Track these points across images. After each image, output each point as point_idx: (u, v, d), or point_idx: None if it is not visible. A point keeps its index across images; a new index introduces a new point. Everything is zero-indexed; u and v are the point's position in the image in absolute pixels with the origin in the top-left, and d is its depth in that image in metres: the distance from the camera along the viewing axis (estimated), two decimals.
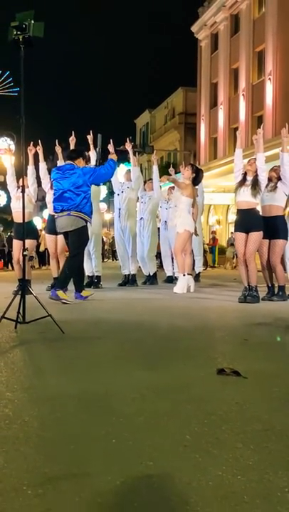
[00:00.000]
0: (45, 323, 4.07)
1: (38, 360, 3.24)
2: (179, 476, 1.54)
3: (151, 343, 3.80)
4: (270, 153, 20.13)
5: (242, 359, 3.17)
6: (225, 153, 27.56)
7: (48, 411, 2.14)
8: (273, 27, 23.15)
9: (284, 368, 2.99)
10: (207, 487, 1.47)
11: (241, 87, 26.39)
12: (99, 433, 1.88)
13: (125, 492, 1.46)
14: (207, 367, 2.88)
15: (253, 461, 1.65)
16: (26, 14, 4.13)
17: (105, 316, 5.18)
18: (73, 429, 1.93)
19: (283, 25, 22.59)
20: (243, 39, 26.25)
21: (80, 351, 3.44)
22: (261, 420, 2.03)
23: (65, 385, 2.54)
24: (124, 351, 3.46)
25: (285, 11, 22.51)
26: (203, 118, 31.47)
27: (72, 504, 1.38)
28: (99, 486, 1.47)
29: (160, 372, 2.86)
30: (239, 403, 2.26)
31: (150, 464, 1.63)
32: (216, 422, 2.01)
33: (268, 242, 6.73)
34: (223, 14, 28.57)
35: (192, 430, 1.91)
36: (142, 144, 38.28)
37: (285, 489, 1.46)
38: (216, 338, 4.05)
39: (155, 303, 6.56)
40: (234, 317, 5.27)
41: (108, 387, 2.49)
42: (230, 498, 1.41)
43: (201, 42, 32.02)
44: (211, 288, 7.40)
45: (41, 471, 1.57)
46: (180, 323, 4.89)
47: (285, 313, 5.46)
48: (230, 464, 1.62)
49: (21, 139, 4.44)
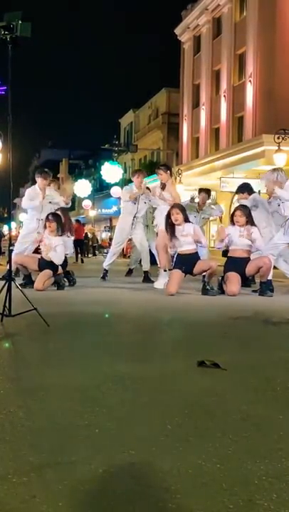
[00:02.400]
0: (31, 316, 4.08)
1: (24, 353, 3.26)
2: (160, 465, 1.57)
3: (134, 336, 3.86)
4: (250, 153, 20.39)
5: (222, 351, 3.23)
6: (206, 153, 27.70)
7: (33, 401, 2.17)
8: (254, 30, 23.37)
9: (262, 360, 3.06)
10: (187, 475, 1.51)
11: (223, 88, 26.57)
12: (82, 423, 1.91)
13: (108, 480, 1.48)
14: (188, 359, 2.93)
15: (231, 450, 1.69)
16: (14, 14, 4.15)
17: (90, 310, 5.22)
18: (58, 419, 1.96)
19: (264, 28, 22.82)
20: (225, 42, 26.44)
21: (64, 344, 3.48)
22: (240, 410, 2.08)
23: (49, 377, 2.56)
24: (107, 344, 3.50)
25: (265, 15, 22.74)
26: (185, 118, 31.61)
27: (56, 491, 1.40)
28: (82, 474, 1.50)
29: (142, 364, 2.90)
30: (219, 394, 2.31)
31: (132, 452, 1.66)
32: (196, 412, 2.05)
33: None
34: (205, 17, 28.74)
35: (173, 420, 1.95)
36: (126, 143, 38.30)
37: (262, 477, 1.49)
38: (197, 331, 4.12)
39: (139, 297, 6.64)
40: (215, 311, 5.35)
41: (92, 379, 2.53)
42: (210, 486, 1.44)
43: (184, 44, 32.15)
44: (193, 283, 7.47)
45: (26, 459, 1.60)
46: (162, 316, 4.97)
47: (264, 307, 5.55)
48: (209, 452, 1.66)
49: (8, 136, 4.45)
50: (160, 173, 7.88)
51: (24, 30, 4.17)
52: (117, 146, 26.87)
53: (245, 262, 6.86)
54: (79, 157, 63.53)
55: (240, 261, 6.82)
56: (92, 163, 52.28)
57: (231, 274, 6.72)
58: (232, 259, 6.92)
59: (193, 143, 30.76)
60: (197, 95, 30.09)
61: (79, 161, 62.04)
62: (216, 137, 27.90)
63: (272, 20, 22.53)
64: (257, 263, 6.84)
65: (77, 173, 58.21)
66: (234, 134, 25.68)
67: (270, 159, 17.85)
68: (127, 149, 30.22)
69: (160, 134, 36.73)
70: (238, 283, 6.72)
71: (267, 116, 22.00)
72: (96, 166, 45.95)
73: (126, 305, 5.78)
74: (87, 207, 41.20)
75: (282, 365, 2.93)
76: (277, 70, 22.36)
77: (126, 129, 46.26)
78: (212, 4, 27.76)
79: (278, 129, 16.84)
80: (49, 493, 1.39)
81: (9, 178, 4.68)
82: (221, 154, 23.85)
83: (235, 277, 6.70)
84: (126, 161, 40.98)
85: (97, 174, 41.34)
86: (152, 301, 6.23)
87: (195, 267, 6.78)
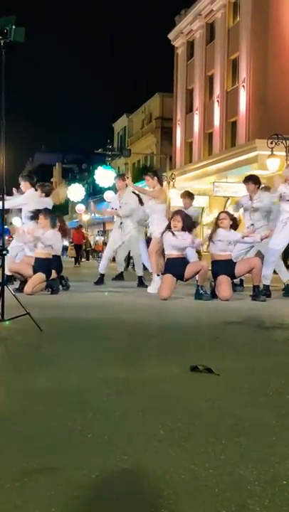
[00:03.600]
0: (24, 321, 4.08)
1: (16, 357, 3.25)
2: (152, 470, 1.57)
3: (127, 341, 3.86)
4: (243, 158, 20.47)
5: (214, 356, 3.23)
6: (200, 157, 27.79)
7: (25, 406, 2.17)
8: (247, 36, 23.50)
9: (254, 365, 3.07)
10: (180, 480, 1.51)
11: (216, 93, 26.69)
12: (75, 428, 1.91)
13: (100, 485, 1.48)
14: (181, 364, 2.93)
15: (224, 455, 1.69)
16: (7, 19, 4.17)
17: (82, 315, 5.22)
18: (50, 424, 1.95)
19: (257, 34, 22.96)
20: (218, 47, 26.57)
21: (57, 348, 3.48)
22: (232, 415, 2.08)
23: (42, 381, 2.56)
24: (100, 348, 3.50)
25: (258, 21, 22.88)
26: (179, 123, 31.70)
27: (48, 497, 1.40)
28: (75, 480, 1.49)
29: (135, 369, 2.90)
30: (211, 399, 2.31)
31: (125, 458, 1.66)
32: (189, 417, 2.06)
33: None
34: (199, 22, 28.88)
35: (166, 425, 1.95)
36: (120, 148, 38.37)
37: (255, 482, 1.49)
38: (190, 336, 4.13)
39: (132, 302, 6.65)
40: (207, 316, 5.36)
41: (84, 384, 2.53)
42: (202, 491, 1.44)
43: (177, 49, 32.29)
44: (186, 288, 7.48)
45: (19, 464, 1.59)
46: (155, 321, 4.98)
47: (256, 313, 5.56)
48: (202, 457, 1.66)
49: (1, 140, 4.45)
50: (147, 179, 8.26)
51: (18, 35, 4.19)
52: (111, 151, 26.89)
53: (233, 263, 6.89)
54: (72, 161, 63.55)
55: (227, 263, 6.85)
56: (85, 168, 52.27)
57: (222, 277, 6.74)
58: (218, 262, 6.93)
59: (187, 147, 30.86)
60: (190, 100, 30.21)
61: (72, 165, 62.05)
62: (209, 142, 28.00)
63: (265, 25, 22.69)
64: (249, 263, 6.86)
65: (70, 177, 58.19)
66: (227, 139, 25.78)
67: (263, 164, 17.94)
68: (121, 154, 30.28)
69: (153, 139, 36.82)
70: (230, 287, 6.73)
71: (260, 121, 22.11)
72: (89, 170, 45.93)
73: (119, 309, 5.78)
74: (80, 211, 41.23)
75: (274, 370, 2.93)
76: (271, 75, 22.49)
77: (119, 133, 46.35)
78: (205, 10, 27.91)
79: (271, 134, 16.93)
80: (42, 499, 1.39)
81: (2, 183, 4.68)
82: (214, 159, 23.95)
83: (227, 281, 6.71)
84: (119, 165, 41.02)
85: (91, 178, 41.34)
86: (145, 305, 6.23)
87: (186, 271, 6.79)
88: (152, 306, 6.18)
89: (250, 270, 6.82)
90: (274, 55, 22.64)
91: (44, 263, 7.10)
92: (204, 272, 6.75)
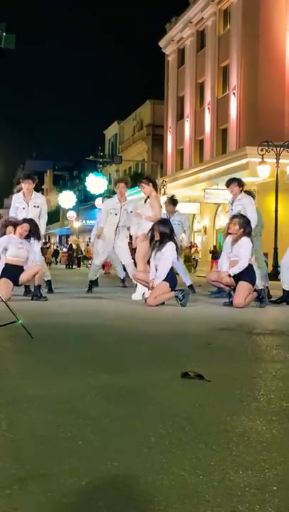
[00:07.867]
0: (15, 327, 4.06)
1: (6, 364, 3.23)
2: (143, 476, 1.56)
3: (117, 347, 3.86)
4: (234, 165, 20.58)
5: (205, 363, 3.24)
6: (191, 164, 27.93)
7: (15, 413, 2.15)
8: (238, 43, 23.71)
9: (245, 371, 3.07)
10: (170, 487, 1.50)
11: (207, 100, 26.88)
12: (65, 434, 1.90)
13: (91, 492, 1.48)
14: (171, 370, 2.94)
15: (214, 461, 1.69)
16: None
17: (73, 321, 5.22)
18: (40, 431, 1.94)
19: (247, 41, 23.17)
20: (209, 54, 26.79)
21: (48, 355, 3.47)
22: (223, 422, 2.08)
23: (32, 388, 2.55)
24: (91, 355, 3.50)
25: (249, 28, 23.10)
26: (170, 130, 31.86)
27: (39, 504, 1.39)
28: (65, 486, 1.49)
29: (126, 375, 2.90)
30: (202, 405, 2.31)
31: (115, 464, 1.65)
32: (180, 423, 2.06)
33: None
34: (189, 30, 29.09)
35: (156, 432, 1.95)
36: (111, 155, 38.44)
37: (245, 488, 1.49)
38: (181, 342, 4.14)
39: (123, 308, 6.67)
40: (198, 323, 5.37)
41: (75, 390, 2.52)
42: (193, 498, 1.44)
43: (168, 56, 32.51)
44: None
45: (8, 472, 1.58)
46: (145, 328, 4.97)
47: (247, 319, 5.58)
48: (193, 464, 1.66)
49: None
50: (143, 185, 7.74)
51: (9, 41, 4.21)
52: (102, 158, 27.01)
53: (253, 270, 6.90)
54: (63, 168, 63.60)
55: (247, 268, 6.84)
56: (76, 175, 52.33)
57: (239, 284, 6.67)
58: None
59: (178, 154, 31.01)
60: (181, 107, 30.40)
61: (63, 172, 62.10)
62: (200, 149, 28.16)
63: (255, 33, 22.91)
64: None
65: (61, 184, 58.18)
66: (218, 146, 25.94)
67: (254, 171, 18.06)
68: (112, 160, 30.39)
69: (144, 146, 36.96)
70: (245, 295, 6.61)
71: (250, 129, 22.28)
72: (81, 177, 46.01)
73: (110, 316, 5.79)
74: (71, 218, 41.20)
75: (265, 377, 2.94)
76: (261, 83, 22.69)
77: (110, 140, 46.47)
78: (196, 17, 28.13)
79: (262, 141, 17.07)
80: (32, 506, 1.38)
81: None
82: (205, 166, 24.08)
83: (243, 289, 6.65)
84: (110, 172, 41.12)
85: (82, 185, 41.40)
86: (136, 312, 6.24)
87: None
88: (142, 312, 6.19)
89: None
90: (264, 63, 22.86)
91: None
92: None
